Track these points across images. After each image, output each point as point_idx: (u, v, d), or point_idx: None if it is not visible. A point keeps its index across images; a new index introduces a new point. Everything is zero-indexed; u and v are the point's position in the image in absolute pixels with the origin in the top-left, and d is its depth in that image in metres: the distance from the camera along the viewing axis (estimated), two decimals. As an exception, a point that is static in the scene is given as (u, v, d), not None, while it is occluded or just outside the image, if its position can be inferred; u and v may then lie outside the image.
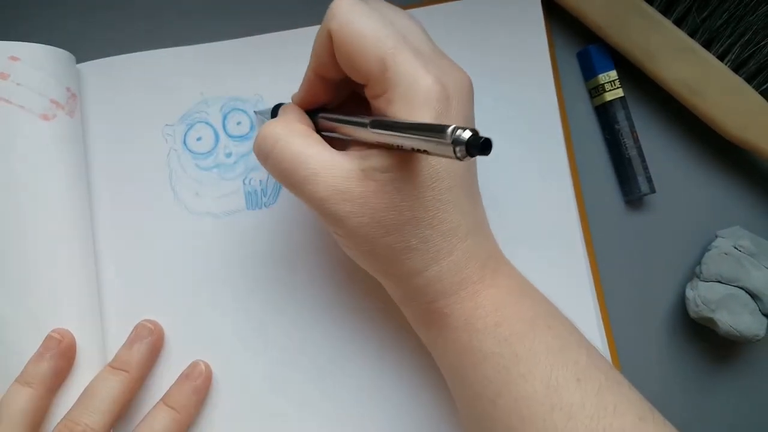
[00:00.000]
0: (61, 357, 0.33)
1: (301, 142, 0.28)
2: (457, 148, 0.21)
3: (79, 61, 0.38)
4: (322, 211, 0.28)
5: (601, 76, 0.38)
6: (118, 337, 0.36)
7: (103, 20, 0.40)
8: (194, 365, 0.36)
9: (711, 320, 0.35)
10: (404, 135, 0.24)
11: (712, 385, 0.37)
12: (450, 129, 0.21)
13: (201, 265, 0.37)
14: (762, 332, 0.35)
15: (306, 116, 0.31)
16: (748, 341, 0.35)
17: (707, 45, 0.36)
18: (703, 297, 0.35)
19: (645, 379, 0.37)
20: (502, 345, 0.27)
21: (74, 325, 0.35)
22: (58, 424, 0.32)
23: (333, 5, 0.27)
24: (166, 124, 0.38)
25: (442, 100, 0.26)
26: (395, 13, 0.29)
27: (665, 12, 0.36)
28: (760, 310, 0.35)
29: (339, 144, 0.29)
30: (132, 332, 0.36)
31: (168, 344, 0.36)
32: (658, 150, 0.38)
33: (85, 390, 0.33)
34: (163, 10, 0.40)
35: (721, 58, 0.36)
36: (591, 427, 0.25)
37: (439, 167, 0.27)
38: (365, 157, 0.27)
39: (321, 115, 0.31)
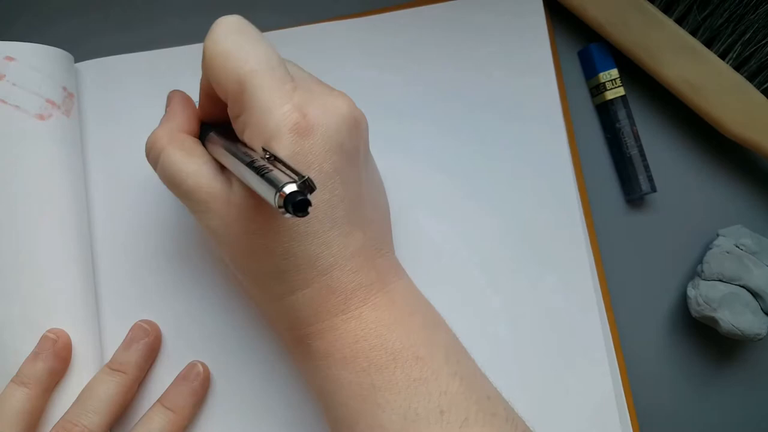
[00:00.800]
0: (56, 357, 0.33)
1: (181, 158, 0.29)
2: (278, 203, 0.21)
3: (77, 60, 0.38)
4: (200, 223, 0.29)
5: (602, 74, 0.38)
6: (115, 337, 0.36)
7: (102, 20, 0.40)
8: (192, 366, 0.35)
9: (713, 319, 0.35)
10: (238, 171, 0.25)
11: (714, 384, 0.37)
12: (275, 193, 0.21)
13: (200, 265, 0.36)
14: (764, 331, 0.35)
15: (193, 119, 0.31)
16: (750, 340, 0.35)
17: (708, 44, 0.36)
18: (705, 296, 0.35)
19: (647, 378, 0.37)
20: (360, 375, 0.27)
21: (71, 326, 0.34)
22: (55, 425, 0.32)
23: (216, 22, 0.28)
24: (165, 123, 0.37)
25: (298, 130, 0.26)
26: (259, 41, 0.28)
27: (666, 10, 0.36)
28: (761, 308, 0.35)
29: None
30: (129, 333, 0.35)
31: (167, 344, 0.36)
32: (660, 149, 0.38)
33: (83, 391, 0.33)
34: (162, 10, 0.40)
35: (722, 56, 0.36)
36: None
37: None
38: (231, 182, 0.27)
39: (210, 135, 0.30)
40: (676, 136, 0.38)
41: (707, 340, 0.37)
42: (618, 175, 0.38)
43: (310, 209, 0.22)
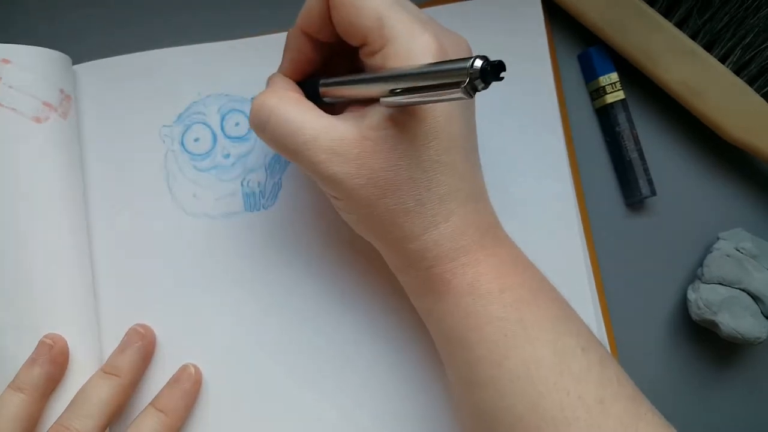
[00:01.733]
0: (53, 362, 0.33)
1: (295, 109, 0.28)
2: (476, 81, 0.21)
3: (75, 62, 0.37)
4: (320, 174, 0.28)
5: (602, 78, 0.37)
6: (113, 340, 0.35)
7: (100, 21, 0.39)
8: (184, 369, 0.35)
9: (713, 323, 0.35)
10: (415, 85, 0.24)
11: (714, 387, 0.37)
12: (470, 61, 0.21)
13: (198, 268, 0.36)
14: (764, 335, 0.35)
15: (294, 84, 0.31)
16: (750, 344, 0.35)
17: (709, 47, 0.36)
18: (705, 299, 0.35)
19: (647, 381, 0.37)
20: (507, 310, 0.27)
21: (69, 330, 0.34)
22: (49, 429, 0.32)
23: None
24: (164, 125, 0.37)
25: (440, 55, 0.26)
26: None
27: (666, 14, 0.36)
28: (762, 312, 0.35)
29: (331, 112, 0.29)
30: (124, 337, 0.35)
31: (163, 348, 0.36)
32: (659, 152, 0.38)
33: (77, 395, 0.33)
34: (160, 11, 0.39)
35: (722, 60, 0.36)
36: (599, 393, 0.26)
37: (436, 126, 0.27)
38: (361, 117, 0.27)
39: (322, 81, 0.31)
40: (676, 140, 0.38)
41: (707, 344, 0.37)
42: (618, 179, 0.38)
43: (503, 74, 0.22)
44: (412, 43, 0.26)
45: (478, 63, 0.21)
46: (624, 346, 0.37)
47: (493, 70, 0.22)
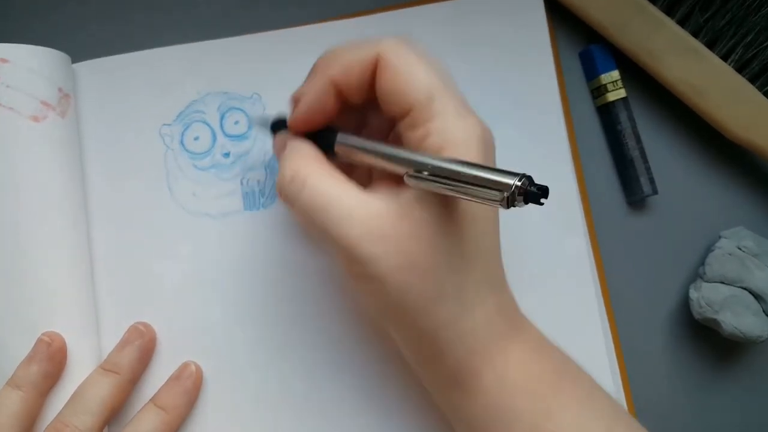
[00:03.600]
0: (51, 360, 0.33)
1: (330, 182, 0.27)
2: (517, 199, 0.21)
3: (74, 61, 0.37)
4: (353, 254, 0.26)
5: (603, 76, 0.37)
6: (112, 338, 0.35)
7: (99, 20, 0.39)
8: (185, 366, 0.35)
9: (715, 321, 0.35)
10: (453, 182, 0.23)
11: (716, 386, 0.37)
12: (516, 180, 0.21)
13: (198, 267, 0.36)
14: (765, 333, 0.35)
15: (315, 146, 0.29)
16: (752, 342, 0.35)
17: (710, 45, 0.36)
18: (707, 298, 0.35)
19: (649, 380, 0.37)
20: (535, 402, 0.27)
21: (68, 327, 0.34)
22: (47, 426, 0.32)
23: (383, 38, 0.27)
24: (164, 124, 0.37)
25: (485, 141, 0.26)
26: (437, 61, 0.28)
27: (668, 12, 0.36)
28: (763, 310, 0.35)
29: (353, 173, 0.29)
30: (124, 334, 0.35)
31: (162, 346, 0.36)
32: (661, 151, 0.38)
33: (75, 392, 0.33)
34: (159, 9, 0.39)
35: (724, 58, 0.36)
36: None
37: (476, 209, 0.26)
38: (399, 194, 0.26)
39: (343, 137, 0.29)
40: (678, 138, 0.38)
41: (709, 343, 0.37)
42: (619, 177, 0.38)
43: (543, 200, 0.21)
44: (459, 123, 0.26)
45: (525, 182, 0.21)
46: (625, 345, 0.37)
47: (537, 194, 0.21)
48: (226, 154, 0.37)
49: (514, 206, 0.21)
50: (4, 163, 0.34)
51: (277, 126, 0.32)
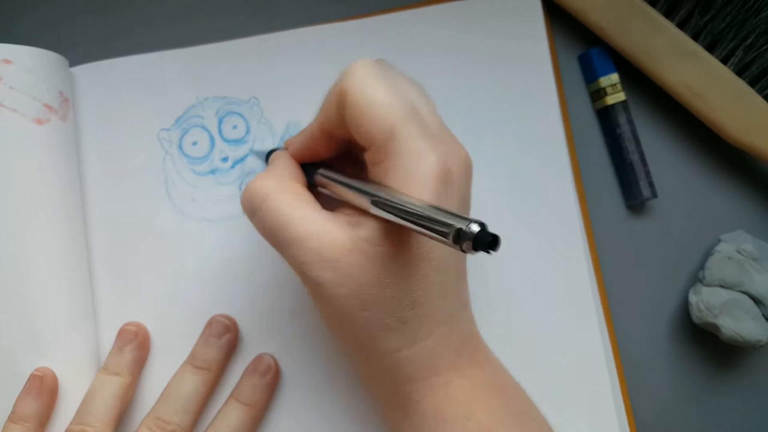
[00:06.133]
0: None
1: (290, 202, 0.28)
2: (464, 244, 0.21)
3: (72, 64, 0.37)
4: (302, 275, 0.27)
5: (602, 79, 0.37)
6: (110, 342, 0.35)
7: (96, 23, 0.39)
8: (260, 359, 0.35)
9: (714, 325, 0.35)
10: (407, 220, 0.23)
11: (716, 390, 0.37)
12: (460, 226, 0.21)
13: (197, 271, 0.36)
14: (765, 338, 0.34)
15: (299, 170, 0.31)
16: (752, 346, 0.35)
17: (710, 48, 0.36)
18: (706, 302, 0.35)
19: (648, 384, 0.37)
20: None
21: (67, 331, 0.34)
22: (144, 421, 0.33)
23: (350, 66, 0.27)
24: (162, 129, 0.37)
25: (443, 180, 0.26)
26: (408, 83, 0.28)
27: (668, 15, 0.36)
28: (763, 315, 0.35)
29: (329, 200, 0.29)
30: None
31: (162, 351, 0.36)
32: (661, 154, 0.38)
33: (168, 388, 0.34)
34: (157, 13, 0.39)
35: (724, 61, 0.36)
36: None
37: (432, 246, 0.26)
38: (356, 225, 0.26)
39: (320, 171, 0.30)
40: (677, 142, 0.38)
41: (708, 347, 0.37)
42: (619, 181, 0.38)
43: (497, 248, 0.21)
44: (415, 165, 0.25)
45: (475, 229, 0.21)
46: (624, 349, 0.37)
47: (487, 242, 0.21)
48: (225, 159, 0.37)
49: (463, 251, 0.21)
50: (7, 165, 0.34)
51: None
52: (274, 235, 0.27)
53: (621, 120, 0.37)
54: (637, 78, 0.37)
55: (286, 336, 0.36)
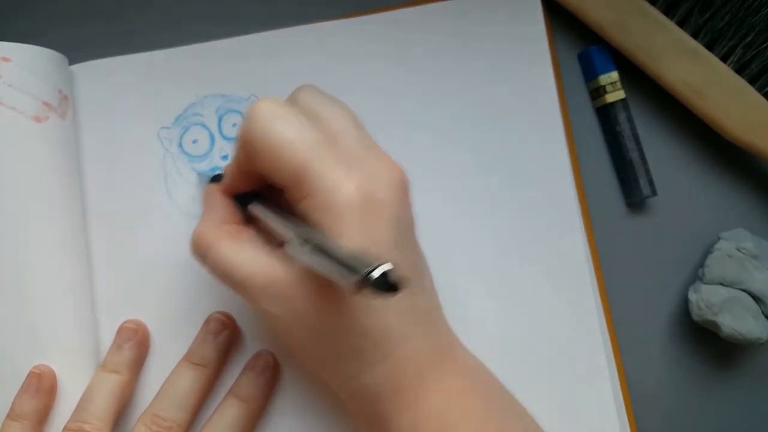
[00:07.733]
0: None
1: (231, 246, 0.28)
2: (364, 290, 0.21)
3: (71, 62, 0.37)
4: (257, 311, 0.28)
5: (602, 77, 0.37)
6: (110, 340, 0.35)
7: (96, 22, 0.39)
8: (258, 356, 0.35)
9: (714, 323, 0.35)
10: (311, 263, 0.24)
11: (715, 388, 0.37)
12: (360, 274, 0.21)
13: (196, 270, 0.36)
14: (765, 335, 0.34)
15: (232, 209, 0.31)
16: (751, 344, 0.35)
17: (710, 46, 0.36)
18: (706, 300, 0.35)
19: (647, 382, 0.37)
20: None
21: (66, 328, 0.34)
22: (140, 417, 0.33)
23: (253, 108, 0.27)
24: (162, 127, 0.37)
25: (365, 207, 0.26)
26: (323, 106, 0.28)
27: (667, 13, 0.36)
28: (763, 313, 0.35)
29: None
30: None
31: (161, 349, 0.36)
32: (660, 152, 0.38)
33: (165, 386, 0.34)
34: (156, 12, 0.39)
35: (723, 59, 0.36)
36: None
37: None
38: (293, 262, 0.27)
39: (250, 207, 0.30)
40: (677, 140, 0.38)
41: (708, 345, 0.37)
42: (618, 179, 0.38)
43: (401, 288, 0.21)
44: (332, 198, 0.26)
45: (376, 273, 0.21)
46: (624, 347, 0.37)
47: (386, 287, 0.21)
48: (225, 157, 0.37)
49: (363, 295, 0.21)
50: (5, 163, 0.34)
51: (216, 180, 0.33)
52: (224, 279, 0.29)
53: (621, 118, 0.37)
54: (636, 76, 0.37)
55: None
